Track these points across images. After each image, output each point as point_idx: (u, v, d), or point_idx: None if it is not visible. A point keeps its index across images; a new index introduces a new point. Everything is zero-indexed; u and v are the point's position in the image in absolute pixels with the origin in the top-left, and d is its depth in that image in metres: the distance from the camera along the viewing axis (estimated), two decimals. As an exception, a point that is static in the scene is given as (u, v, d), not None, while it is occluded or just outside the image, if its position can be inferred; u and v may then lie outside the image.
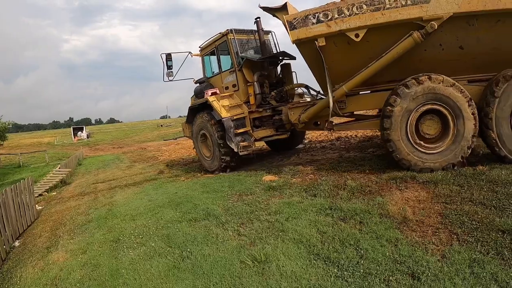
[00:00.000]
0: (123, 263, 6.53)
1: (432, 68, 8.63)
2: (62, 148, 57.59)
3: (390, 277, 4.62)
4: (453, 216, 5.92)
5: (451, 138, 8.23)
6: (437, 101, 8.24)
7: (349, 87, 9.54)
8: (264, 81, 12.63)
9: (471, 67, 8.69)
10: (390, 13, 8.41)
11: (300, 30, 9.33)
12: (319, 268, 5.13)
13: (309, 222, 6.62)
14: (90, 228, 9.24)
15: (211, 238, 6.80)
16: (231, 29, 12.72)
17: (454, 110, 8.12)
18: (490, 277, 4.30)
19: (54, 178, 20.91)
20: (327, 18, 8.97)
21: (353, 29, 8.76)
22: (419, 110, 8.41)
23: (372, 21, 8.57)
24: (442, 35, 8.35)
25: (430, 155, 8.37)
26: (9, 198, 9.71)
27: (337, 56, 9.37)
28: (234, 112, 12.25)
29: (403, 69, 8.83)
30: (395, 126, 8.51)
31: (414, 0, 8.22)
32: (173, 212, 8.87)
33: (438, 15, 8.08)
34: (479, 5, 7.79)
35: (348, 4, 8.76)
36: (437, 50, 8.62)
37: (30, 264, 7.64)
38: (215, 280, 5.28)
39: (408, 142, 8.50)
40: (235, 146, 11.84)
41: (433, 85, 8.22)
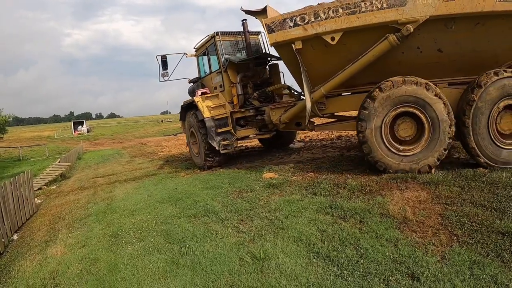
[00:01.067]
0: (122, 258, 6.52)
1: (411, 70, 8.66)
2: (62, 142, 57.50)
3: (390, 277, 4.63)
4: (453, 217, 5.92)
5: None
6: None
7: (327, 89, 9.69)
8: (248, 82, 12.93)
9: (451, 69, 8.73)
10: (366, 17, 8.46)
11: (278, 33, 9.47)
12: (319, 266, 5.13)
13: (309, 220, 6.62)
14: (89, 222, 9.22)
15: (210, 234, 6.80)
16: (217, 31, 13.05)
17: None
18: (489, 279, 4.31)
19: (54, 172, 20.88)
20: (304, 21, 9.07)
21: (329, 32, 8.85)
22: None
23: (347, 24, 8.64)
24: (420, 37, 8.39)
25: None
26: (8, 191, 9.69)
27: (315, 59, 9.48)
28: (217, 112, 12.61)
29: (381, 71, 8.87)
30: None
31: (390, 3, 8.25)
32: (172, 207, 8.86)
33: (414, 18, 8.11)
34: (457, 8, 7.82)
35: (324, 8, 8.83)
36: (415, 53, 8.67)
37: (28, 257, 7.63)
38: (214, 277, 5.27)
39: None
40: (217, 144, 12.30)
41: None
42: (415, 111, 8.26)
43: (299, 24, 9.11)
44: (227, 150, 12.50)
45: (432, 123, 8.14)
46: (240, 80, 12.81)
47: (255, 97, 12.79)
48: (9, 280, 6.73)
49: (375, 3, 8.32)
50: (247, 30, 12.91)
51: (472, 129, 7.97)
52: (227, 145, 12.40)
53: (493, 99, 7.83)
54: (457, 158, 9.39)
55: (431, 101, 8.08)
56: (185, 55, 14.74)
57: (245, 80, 12.96)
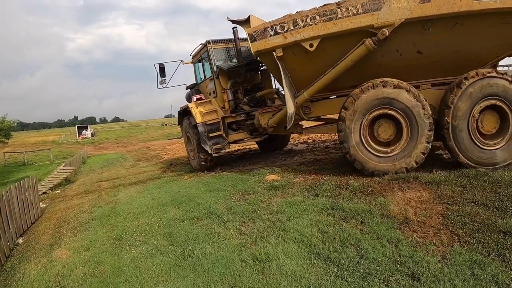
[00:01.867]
0: (125, 261, 6.61)
1: (393, 72, 8.80)
2: (67, 147, 57.76)
3: (390, 277, 4.66)
4: (454, 217, 5.93)
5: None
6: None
7: (310, 93, 9.88)
8: (238, 88, 13.32)
9: (433, 71, 8.82)
10: (342, 23, 8.63)
11: (259, 42, 9.73)
12: (319, 267, 5.17)
13: (310, 221, 6.66)
14: (93, 226, 9.30)
15: (212, 236, 6.86)
16: (209, 40, 13.47)
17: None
18: (490, 278, 4.32)
19: (59, 177, 21.02)
20: (284, 29, 9.31)
21: (307, 39, 9.05)
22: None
23: (325, 31, 8.83)
24: (398, 40, 8.51)
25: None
26: (13, 195, 9.79)
27: (297, 65, 9.70)
28: (209, 117, 13.03)
29: (364, 74, 8.97)
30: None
31: (365, 9, 8.40)
32: (175, 210, 8.93)
33: (389, 22, 8.23)
34: (432, 9, 7.92)
35: (302, 16, 9.03)
36: (394, 56, 8.79)
37: (33, 260, 7.72)
38: (215, 278, 5.33)
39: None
40: (209, 148, 12.74)
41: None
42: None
43: (279, 33, 9.37)
44: (219, 153, 12.91)
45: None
46: (230, 86, 13.21)
47: (245, 102, 13.12)
48: (14, 283, 6.81)
49: (350, 9, 8.50)
50: (237, 37, 13.21)
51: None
52: (219, 149, 12.79)
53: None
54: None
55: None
56: (182, 63, 15.23)
57: (236, 86, 13.35)
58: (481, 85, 7.84)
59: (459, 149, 8.05)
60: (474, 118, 7.97)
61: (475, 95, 7.87)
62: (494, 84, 7.81)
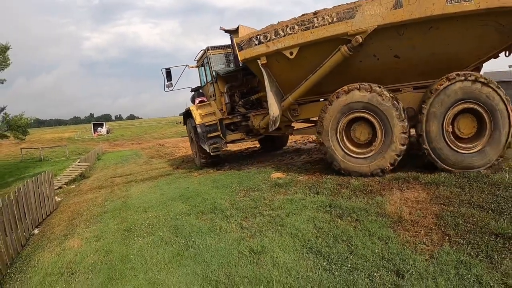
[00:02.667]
0: (133, 250, 6.95)
1: (374, 76, 9.12)
2: (82, 143, 58.28)
3: (375, 273, 4.81)
4: (448, 217, 5.98)
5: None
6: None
7: (294, 97, 10.48)
8: (235, 91, 13.90)
9: (413, 74, 9.03)
10: (319, 31, 9.07)
11: (246, 51, 10.41)
12: (310, 261, 5.40)
13: (308, 218, 6.88)
14: (105, 218, 9.66)
15: (215, 229, 7.16)
16: (208, 46, 14.23)
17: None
18: (474, 279, 4.37)
19: (74, 172, 21.44)
20: (266, 39, 9.93)
21: (287, 47, 9.59)
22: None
23: (303, 39, 9.31)
24: (374, 46, 8.82)
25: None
26: (30, 189, 10.19)
27: (281, 71, 10.30)
28: (208, 119, 13.68)
29: (345, 78, 9.27)
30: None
31: (340, 17, 8.78)
32: (183, 205, 9.24)
33: (363, 29, 8.55)
34: (404, 15, 8.13)
35: (283, 26, 9.59)
36: (372, 60, 9.12)
37: (47, 249, 8.10)
38: (213, 267, 5.64)
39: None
40: (208, 147, 13.39)
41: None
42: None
43: (263, 42, 10.01)
44: (217, 152, 13.50)
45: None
46: (227, 90, 13.82)
47: (241, 105, 13.72)
48: (29, 269, 7.21)
49: (326, 18, 8.94)
50: (234, 44, 13.58)
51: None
52: (217, 148, 13.35)
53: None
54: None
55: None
56: (187, 67, 15.99)
57: (233, 89, 13.92)
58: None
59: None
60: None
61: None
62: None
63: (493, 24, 7.80)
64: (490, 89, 7.75)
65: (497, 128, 7.79)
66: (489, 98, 7.76)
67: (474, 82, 7.83)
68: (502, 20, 7.69)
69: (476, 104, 7.87)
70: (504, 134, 7.78)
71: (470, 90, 7.86)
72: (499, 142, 7.84)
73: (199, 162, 15.07)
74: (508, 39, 8.03)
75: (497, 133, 7.81)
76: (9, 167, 36.79)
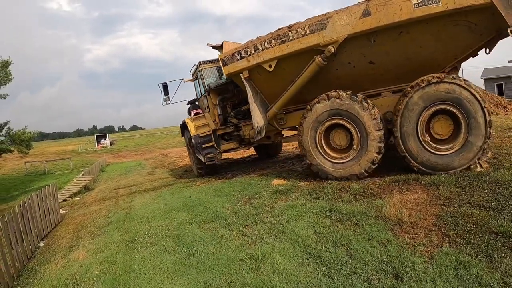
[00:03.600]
0: (136, 260, 7.02)
1: (353, 83, 9.46)
2: (86, 155, 58.32)
3: (374, 276, 4.85)
4: (448, 218, 5.99)
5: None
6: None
7: (278, 107, 10.91)
8: (227, 103, 14.33)
9: (391, 78, 9.17)
10: (293, 44, 9.44)
11: (229, 66, 10.96)
12: (309, 266, 5.46)
13: (308, 223, 6.93)
14: (109, 229, 9.73)
15: (216, 238, 7.22)
16: (200, 61, 14.84)
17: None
18: (474, 279, 4.37)
19: (78, 184, 21.57)
20: (247, 54, 10.41)
21: (266, 61, 10.04)
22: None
23: (280, 52, 9.72)
24: (348, 54, 9.07)
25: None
26: (34, 202, 10.29)
27: (263, 83, 10.79)
28: (202, 130, 14.31)
29: (326, 86, 9.59)
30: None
31: (312, 29, 9.09)
32: (185, 214, 9.30)
33: (334, 39, 8.82)
34: (373, 22, 8.31)
35: (261, 41, 10.03)
36: (348, 68, 9.36)
37: (53, 261, 8.19)
38: (215, 275, 5.71)
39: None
40: (203, 157, 13.91)
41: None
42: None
43: (244, 57, 10.50)
44: (212, 162, 14.04)
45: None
46: (219, 102, 14.24)
47: (233, 116, 14.07)
48: (35, 281, 7.30)
49: (300, 30, 9.29)
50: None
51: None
52: (211, 158, 13.89)
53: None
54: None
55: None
56: (183, 81, 16.39)
57: (225, 101, 14.33)
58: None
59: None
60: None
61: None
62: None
63: (464, 24, 7.84)
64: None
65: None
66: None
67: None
68: (473, 19, 7.73)
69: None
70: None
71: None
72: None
73: (196, 171, 15.73)
74: (482, 37, 8.06)
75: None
76: (14, 181, 36.93)
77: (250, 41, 10.38)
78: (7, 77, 26.98)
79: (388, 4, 8.06)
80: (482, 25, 7.78)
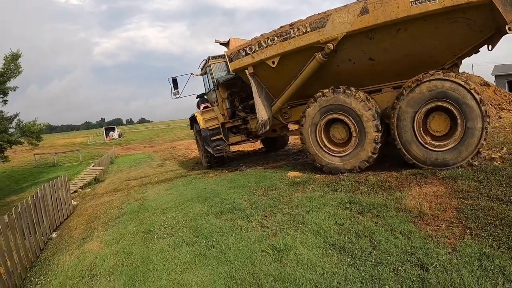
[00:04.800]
0: (154, 251, 6.97)
1: (353, 79, 9.72)
2: (95, 148, 58.57)
3: (400, 266, 4.80)
4: (468, 211, 5.97)
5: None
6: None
7: (282, 101, 11.39)
8: (235, 97, 14.70)
9: (391, 74, 9.33)
10: (295, 41, 9.79)
11: (235, 62, 11.47)
12: (334, 257, 5.41)
13: (328, 215, 6.88)
14: (123, 220, 9.71)
15: (235, 229, 7.17)
16: (209, 56, 15.31)
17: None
18: (498, 270, 4.35)
19: (88, 176, 21.64)
20: (252, 51, 10.88)
21: (269, 57, 10.46)
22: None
23: (282, 49, 10.10)
24: (347, 51, 9.31)
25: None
26: (47, 193, 10.32)
27: (268, 78, 11.24)
28: (211, 123, 14.70)
29: (328, 81, 9.91)
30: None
31: (312, 27, 9.41)
32: (201, 206, 9.27)
33: (333, 36, 9.09)
34: (370, 20, 8.49)
35: (264, 38, 10.46)
36: (348, 64, 9.61)
37: (67, 252, 8.17)
38: (237, 266, 5.65)
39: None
40: (211, 149, 14.49)
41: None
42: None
43: (249, 53, 10.99)
44: (220, 154, 14.60)
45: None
46: (228, 96, 14.66)
47: (241, 109, 14.39)
48: (49, 272, 7.29)
49: (301, 28, 9.64)
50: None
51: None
52: (220, 150, 14.47)
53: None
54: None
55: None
56: (192, 75, 16.89)
57: (233, 95, 14.70)
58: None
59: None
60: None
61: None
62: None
63: (463, 21, 7.87)
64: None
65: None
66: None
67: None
68: (472, 16, 7.75)
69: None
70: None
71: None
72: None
73: (204, 163, 16.24)
74: (482, 34, 8.06)
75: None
76: (23, 173, 37.21)
77: (254, 38, 10.84)
78: (16, 69, 27.11)
79: (385, 2, 8.22)
80: (481, 22, 7.81)
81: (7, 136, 26.51)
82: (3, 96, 27.10)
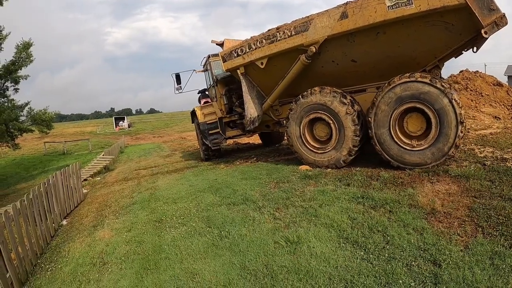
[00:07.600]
0: (166, 240, 7.04)
1: (338, 79, 10.18)
2: (104, 137, 58.96)
3: (413, 262, 4.83)
4: (480, 210, 5.95)
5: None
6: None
7: (272, 100, 12.07)
8: (232, 93, 15.29)
9: (374, 75, 9.69)
10: (281, 44, 10.32)
11: (228, 62, 12.12)
12: (347, 250, 5.43)
13: (341, 209, 6.89)
14: (134, 209, 9.80)
15: (248, 220, 7.20)
16: (209, 54, 15.95)
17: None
18: (509, 269, 4.37)
19: (98, 165, 21.80)
20: (243, 52, 11.49)
21: (258, 59, 11.08)
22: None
23: (269, 51, 10.67)
24: (330, 53, 9.72)
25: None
26: (58, 180, 10.43)
27: (258, 78, 11.89)
28: (209, 118, 15.42)
29: (313, 82, 10.43)
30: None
31: (297, 30, 9.87)
32: (212, 196, 9.30)
33: (315, 40, 9.54)
34: (350, 24, 8.82)
35: (254, 40, 11.03)
36: (332, 65, 10.04)
37: (77, 240, 8.29)
38: (250, 257, 5.69)
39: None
40: (209, 142, 15.22)
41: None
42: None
43: (240, 55, 11.61)
44: (217, 147, 15.44)
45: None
46: (226, 92, 15.35)
47: (237, 105, 14.98)
48: (59, 259, 7.41)
49: (286, 32, 10.13)
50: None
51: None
52: (217, 143, 15.22)
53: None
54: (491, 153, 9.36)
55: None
56: (194, 71, 17.51)
57: (231, 92, 15.29)
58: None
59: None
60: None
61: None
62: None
63: (441, 24, 7.97)
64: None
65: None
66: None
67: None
68: (450, 19, 7.83)
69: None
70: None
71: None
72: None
73: (202, 155, 16.82)
74: (462, 37, 8.13)
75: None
76: (33, 161, 37.54)
77: (245, 41, 11.41)
78: (28, 58, 27.35)
79: (363, 7, 8.50)
80: (460, 25, 7.88)
81: (18, 124, 26.74)
82: (14, 84, 27.33)
